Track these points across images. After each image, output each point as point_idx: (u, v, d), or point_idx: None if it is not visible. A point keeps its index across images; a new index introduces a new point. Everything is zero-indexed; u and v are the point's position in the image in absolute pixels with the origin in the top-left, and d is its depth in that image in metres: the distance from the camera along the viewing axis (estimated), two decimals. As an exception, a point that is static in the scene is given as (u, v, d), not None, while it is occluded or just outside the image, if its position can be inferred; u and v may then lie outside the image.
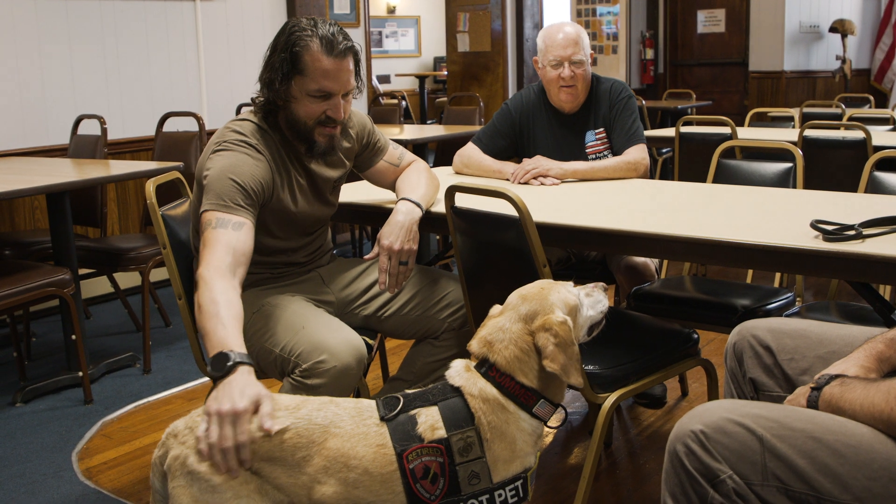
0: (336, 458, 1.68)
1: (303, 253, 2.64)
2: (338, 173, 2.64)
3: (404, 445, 1.69)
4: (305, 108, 2.38)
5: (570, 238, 2.60)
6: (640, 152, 3.27)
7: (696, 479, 1.38)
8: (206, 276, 2.05)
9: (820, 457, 1.35)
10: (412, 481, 1.68)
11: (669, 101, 8.75)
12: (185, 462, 1.68)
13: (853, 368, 1.60)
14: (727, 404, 1.47)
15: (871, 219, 2.24)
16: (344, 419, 1.73)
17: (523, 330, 1.79)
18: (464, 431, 1.70)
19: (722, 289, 3.09)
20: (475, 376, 1.78)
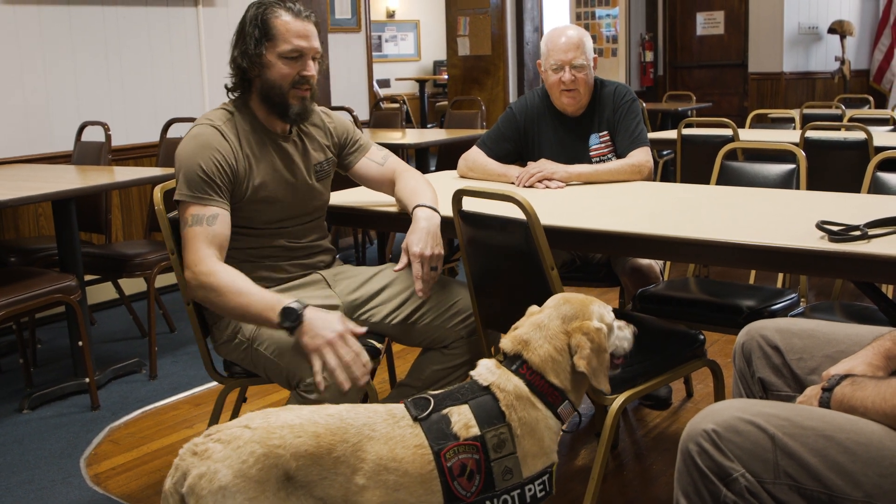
0: (375, 461, 1.68)
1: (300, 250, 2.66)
2: (319, 157, 2.71)
3: (441, 444, 1.71)
4: (279, 70, 2.52)
5: (576, 241, 2.62)
6: (644, 155, 3.28)
7: (708, 477, 1.39)
8: (205, 270, 2.33)
9: (831, 455, 1.36)
10: (450, 479, 1.70)
11: (669, 104, 8.77)
12: (215, 478, 1.61)
13: (861, 366, 1.61)
14: (738, 403, 1.49)
15: (876, 219, 2.25)
16: (377, 421, 1.74)
17: (560, 329, 1.85)
18: (497, 428, 1.74)
19: (726, 290, 3.10)
20: (507, 373, 1.82)
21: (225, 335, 2.56)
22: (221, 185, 2.45)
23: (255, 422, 1.69)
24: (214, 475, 1.61)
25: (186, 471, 1.64)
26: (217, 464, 1.61)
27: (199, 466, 1.62)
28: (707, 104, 9.13)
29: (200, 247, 2.37)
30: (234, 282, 2.33)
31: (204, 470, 1.61)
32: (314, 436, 1.68)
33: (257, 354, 2.43)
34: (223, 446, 1.64)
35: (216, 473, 1.61)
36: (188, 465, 1.64)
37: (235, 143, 2.52)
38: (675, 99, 9.18)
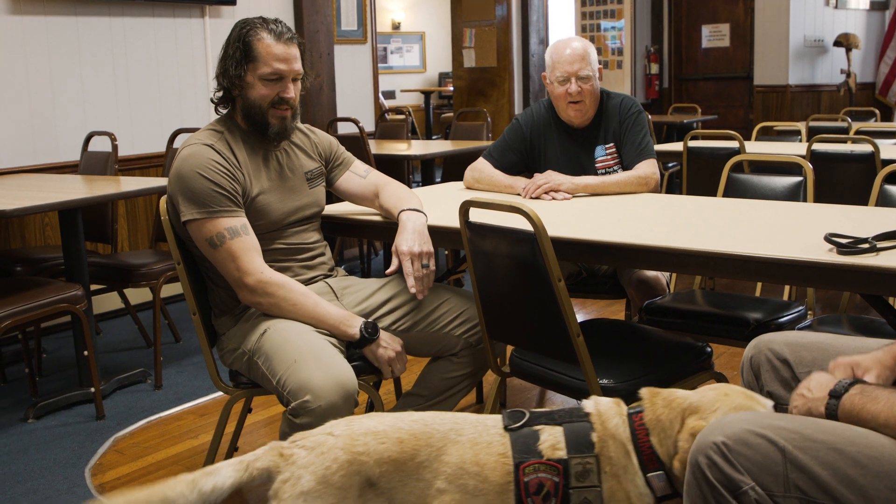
0: (457, 464, 1.69)
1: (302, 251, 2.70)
2: (310, 164, 2.77)
3: (523, 458, 1.69)
4: (259, 91, 2.59)
5: (583, 252, 2.61)
6: (651, 167, 3.28)
7: (718, 490, 1.39)
8: (273, 279, 2.50)
9: (842, 468, 1.36)
10: (524, 495, 1.67)
11: (675, 116, 8.77)
12: (298, 483, 1.64)
13: (869, 361, 1.61)
14: (748, 416, 1.48)
15: (884, 232, 2.25)
16: (465, 427, 1.74)
17: (682, 410, 1.70)
18: (584, 457, 1.68)
19: (733, 302, 3.10)
20: (619, 410, 1.75)
21: (230, 345, 2.59)
22: (236, 196, 2.53)
23: (338, 429, 1.72)
24: (298, 480, 1.64)
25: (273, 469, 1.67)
26: (301, 469, 1.65)
27: (285, 471, 1.66)
28: (712, 117, 9.13)
29: (253, 256, 2.50)
30: (303, 290, 2.55)
31: (288, 475, 1.65)
32: (398, 441, 1.69)
33: (256, 367, 2.46)
34: (307, 452, 1.68)
35: (299, 479, 1.64)
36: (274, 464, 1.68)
37: (231, 157, 2.58)
38: (680, 111, 9.18)
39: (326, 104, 6.38)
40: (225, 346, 2.63)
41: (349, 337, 2.51)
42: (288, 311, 2.52)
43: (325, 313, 2.53)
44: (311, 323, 2.51)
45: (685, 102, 10.22)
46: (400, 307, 2.69)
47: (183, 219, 2.51)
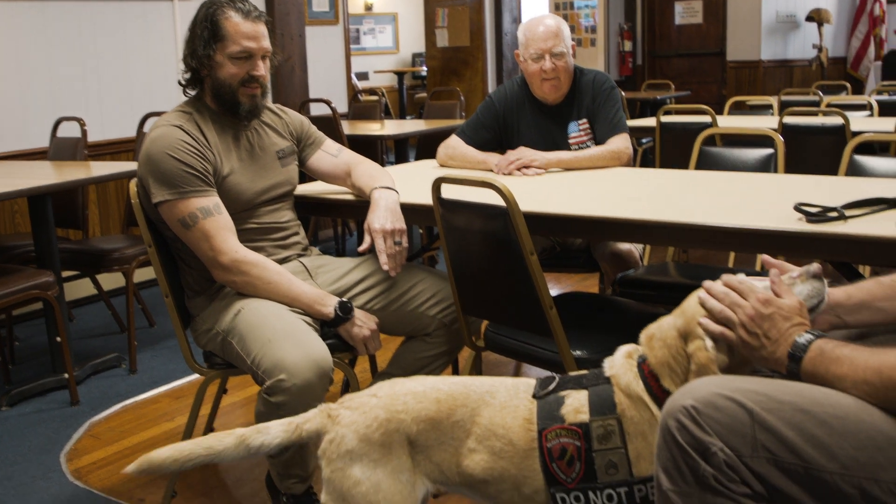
0: (487, 426, 1.71)
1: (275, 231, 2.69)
2: (281, 143, 2.76)
3: (546, 424, 1.70)
4: (228, 70, 2.57)
5: (556, 226, 2.62)
6: (624, 141, 3.29)
7: (687, 452, 1.40)
8: (248, 258, 2.50)
9: (808, 428, 1.37)
10: (548, 460, 1.68)
11: (648, 92, 8.78)
12: (343, 442, 1.70)
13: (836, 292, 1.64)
14: (717, 380, 1.49)
15: (852, 201, 2.27)
16: (499, 390, 1.76)
17: (676, 338, 1.69)
18: (605, 419, 1.67)
19: (705, 273, 3.08)
20: (630, 367, 1.73)
21: (204, 326, 2.58)
22: (206, 176, 2.52)
23: (382, 390, 1.78)
24: (342, 440, 1.71)
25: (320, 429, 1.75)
26: (344, 429, 1.72)
27: (331, 431, 1.73)
28: (686, 93, 9.15)
29: (227, 235, 2.50)
30: (277, 268, 2.55)
31: (333, 435, 1.72)
32: (435, 401, 1.74)
33: (230, 347, 2.46)
34: (351, 412, 1.74)
35: (343, 438, 1.71)
36: (322, 425, 1.75)
37: (200, 137, 2.56)
38: (653, 88, 9.19)
39: (298, 86, 6.34)
40: (199, 327, 2.62)
41: (324, 316, 2.51)
42: (262, 290, 2.51)
43: (299, 292, 2.52)
44: (285, 302, 2.51)
45: (659, 79, 10.23)
46: (374, 286, 2.68)
47: (154, 200, 2.50)
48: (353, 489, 1.70)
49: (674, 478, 1.42)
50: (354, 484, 1.70)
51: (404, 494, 1.71)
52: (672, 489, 1.42)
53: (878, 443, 1.35)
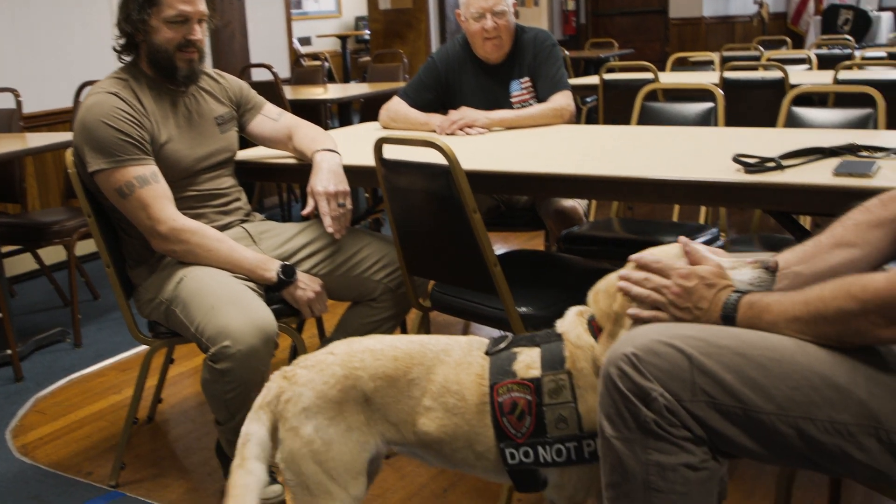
0: (442, 383, 1.72)
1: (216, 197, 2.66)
2: (219, 109, 2.73)
3: (498, 378, 1.70)
4: (164, 35, 2.52)
5: (500, 184, 2.62)
6: (566, 99, 3.29)
7: (629, 398, 1.42)
8: (186, 226, 2.46)
9: (745, 371, 1.40)
10: (499, 414, 1.69)
11: (592, 51, 8.80)
12: (299, 400, 1.70)
13: None
14: (657, 328, 1.51)
15: (789, 151, 2.29)
16: (454, 348, 1.77)
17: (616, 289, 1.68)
18: (556, 374, 1.68)
19: (649, 228, 3.15)
20: (580, 323, 1.74)
21: (147, 296, 2.55)
22: (143, 144, 2.48)
23: (338, 348, 1.78)
24: (299, 398, 1.70)
25: (279, 394, 1.73)
26: (301, 387, 1.71)
27: (287, 391, 1.72)
28: (629, 51, 9.18)
29: (165, 204, 2.46)
30: (218, 235, 2.52)
31: (290, 394, 1.71)
32: (393, 359, 1.74)
33: (174, 316, 2.43)
34: (307, 371, 1.73)
35: (300, 396, 1.70)
36: (279, 389, 1.73)
37: (137, 104, 2.52)
38: (597, 46, 9.21)
39: (239, 51, 6.24)
40: (142, 296, 2.59)
41: (267, 280, 2.49)
42: (203, 257, 2.48)
43: (241, 258, 2.50)
44: (227, 268, 2.48)
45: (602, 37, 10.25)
46: (319, 251, 2.67)
47: (90, 169, 2.45)
48: (304, 447, 1.70)
49: (616, 424, 1.44)
50: (307, 442, 1.70)
51: (353, 454, 1.71)
52: (614, 436, 1.44)
53: (812, 383, 1.38)
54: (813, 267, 1.62)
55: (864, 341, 1.41)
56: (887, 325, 1.35)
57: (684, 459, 1.40)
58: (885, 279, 1.34)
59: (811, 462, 1.44)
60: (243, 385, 2.27)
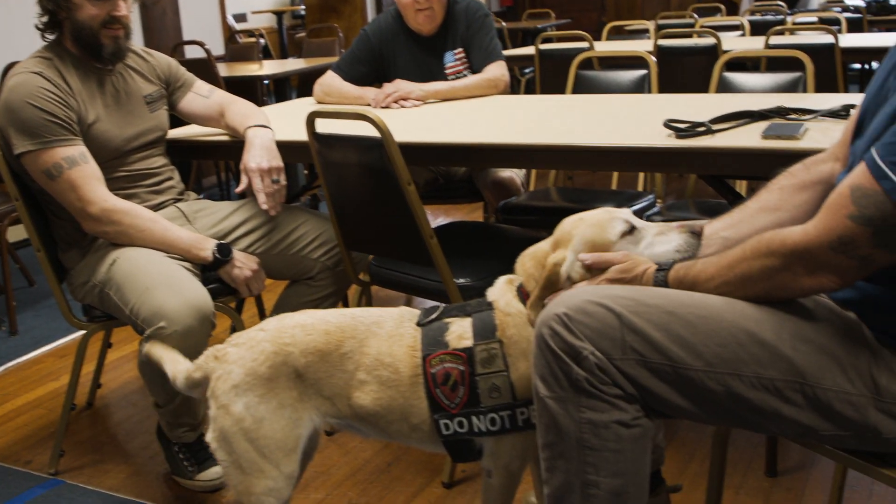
0: (375, 356, 1.71)
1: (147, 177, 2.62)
2: (148, 88, 2.68)
3: (430, 350, 1.70)
4: (88, 11, 2.46)
5: (436, 156, 2.62)
6: (500, 69, 3.29)
7: (560, 357, 1.43)
8: (118, 207, 2.42)
9: (674, 329, 1.42)
10: (432, 386, 1.68)
11: (529, 22, 8.80)
12: (229, 378, 1.69)
13: None
14: (589, 289, 1.52)
15: (719, 115, 2.32)
16: (386, 320, 1.76)
17: (546, 254, 1.70)
18: (488, 343, 1.68)
19: (586, 196, 3.17)
20: (510, 290, 1.74)
21: (80, 279, 2.50)
22: (70, 124, 2.43)
23: (269, 324, 1.77)
24: (229, 375, 1.70)
25: (209, 373, 1.74)
26: (231, 365, 1.71)
27: (217, 369, 1.72)
28: (567, 20, 9.21)
29: (95, 184, 2.41)
30: (151, 215, 2.47)
31: (221, 372, 1.71)
32: (324, 333, 1.72)
33: (108, 298, 2.40)
34: (238, 349, 1.73)
35: (230, 374, 1.70)
36: (210, 368, 1.74)
37: (62, 84, 2.46)
38: (534, 17, 9.21)
39: (171, 28, 6.12)
40: (75, 280, 2.54)
41: (202, 260, 2.46)
42: (136, 237, 2.44)
43: (175, 238, 2.46)
44: (161, 248, 2.45)
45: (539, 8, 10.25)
46: (255, 229, 2.64)
47: (16, 151, 2.39)
48: (235, 426, 1.69)
49: (549, 384, 1.45)
50: (238, 420, 1.69)
51: (286, 431, 1.70)
52: (548, 395, 1.45)
53: (739, 339, 1.41)
54: (740, 231, 1.65)
55: (791, 294, 1.44)
56: (810, 275, 1.38)
57: (616, 417, 1.42)
58: (801, 231, 1.37)
59: (741, 419, 1.47)
60: (180, 366, 2.24)
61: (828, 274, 1.36)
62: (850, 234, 1.32)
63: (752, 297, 1.45)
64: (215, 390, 1.72)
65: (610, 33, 6.53)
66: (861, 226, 1.31)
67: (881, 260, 1.33)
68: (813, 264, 1.37)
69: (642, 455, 1.46)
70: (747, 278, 1.44)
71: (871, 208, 1.30)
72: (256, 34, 7.74)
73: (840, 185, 1.36)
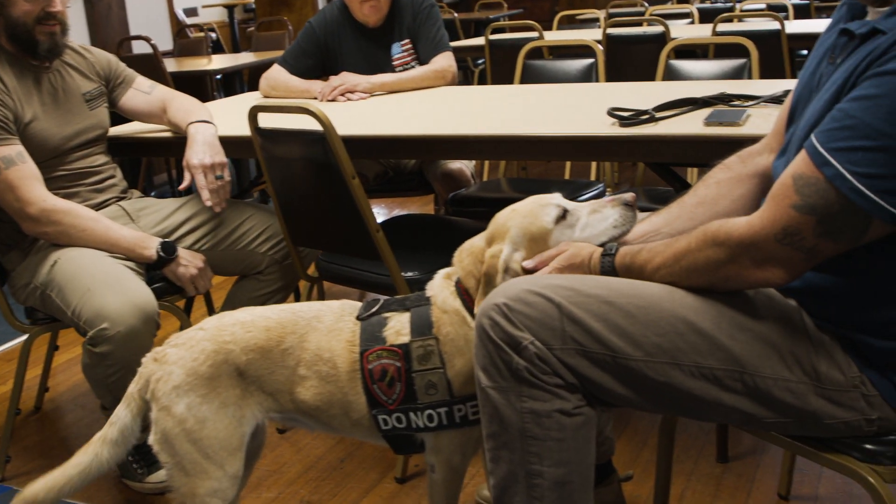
0: (314, 350, 1.69)
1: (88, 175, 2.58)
2: (87, 85, 2.63)
3: (368, 345, 1.67)
4: (21, 7, 2.42)
5: (382, 149, 2.60)
6: (447, 60, 3.27)
7: (501, 347, 1.43)
8: (58, 207, 2.37)
9: (613, 319, 1.41)
10: (370, 381, 1.66)
11: (482, 12, 8.80)
12: (169, 379, 1.66)
13: None
14: (528, 278, 1.52)
15: (663, 103, 2.33)
16: (326, 314, 1.73)
17: (482, 250, 1.68)
18: (425, 339, 1.66)
19: (536, 186, 3.17)
20: (447, 286, 1.71)
21: (21, 281, 2.46)
22: (6, 123, 2.38)
23: (209, 323, 1.74)
24: (169, 377, 1.67)
25: (148, 377, 1.70)
26: (171, 366, 1.68)
27: (157, 371, 1.68)
28: (519, 10, 9.21)
29: (34, 184, 2.36)
30: (92, 215, 2.43)
31: (161, 374, 1.68)
32: (265, 329, 1.70)
33: (50, 300, 2.35)
34: (177, 349, 1.69)
35: (170, 375, 1.67)
36: (150, 371, 1.70)
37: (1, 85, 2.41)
38: (487, 7, 9.21)
39: (117, 23, 6.03)
40: (16, 282, 2.49)
41: (146, 259, 2.42)
42: (77, 238, 2.39)
43: (118, 237, 2.42)
44: (104, 248, 2.41)
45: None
46: (201, 226, 2.61)
47: None
48: (177, 427, 1.67)
49: (491, 374, 1.44)
50: (180, 421, 1.66)
51: (230, 430, 1.68)
52: (490, 385, 1.45)
53: (677, 329, 1.41)
54: (680, 227, 1.66)
55: (738, 286, 1.43)
56: (757, 268, 1.37)
57: (558, 406, 1.42)
58: (745, 223, 1.37)
59: (683, 408, 1.47)
60: (125, 367, 2.20)
61: (774, 267, 1.36)
62: (795, 225, 1.31)
63: (698, 287, 1.45)
64: (156, 392, 1.68)
65: (561, 22, 6.54)
66: (805, 215, 1.30)
67: (827, 250, 1.32)
68: (759, 257, 1.36)
69: (586, 444, 1.46)
70: (693, 270, 1.43)
71: (815, 197, 1.29)
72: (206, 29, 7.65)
73: (782, 175, 1.35)
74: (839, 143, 1.27)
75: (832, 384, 1.42)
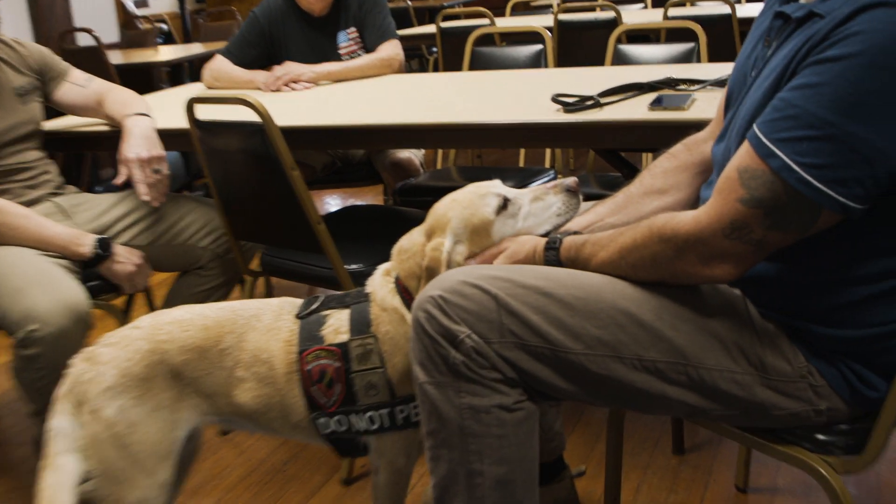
0: (252, 351, 1.61)
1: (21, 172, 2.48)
2: (19, 80, 2.54)
3: (306, 345, 1.60)
4: None
5: (328, 139, 2.54)
6: (394, 48, 3.23)
7: (437, 341, 1.37)
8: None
9: (551, 311, 1.37)
10: (308, 383, 1.60)
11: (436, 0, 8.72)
12: (101, 380, 1.57)
13: None
14: (465, 269, 1.47)
15: (609, 88, 2.29)
16: (265, 312, 1.66)
17: (422, 245, 1.62)
18: (364, 338, 1.59)
19: (486, 174, 3.10)
20: (387, 283, 1.65)
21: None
22: None
23: (144, 321, 1.66)
24: (101, 377, 1.58)
25: (78, 377, 1.60)
26: (104, 366, 1.59)
27: (88, 372, 1.60)
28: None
29: None
30: (23, 211, 2.34)
31: (92, 374, 1.59)
32: (203, 328, 1.62)
33: None
34: (111, 348, 1.61)
35: (102, 375, 1.58)
36: (79, 372, 1.61)
37: None
38: (441, -5, 9.13)
39: (60, 15, 5.90)
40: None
41: (80, 256, 2.34)
42: (7, 236, 2.31)
43: (51, 234, 2.34)
44: (36, 246, 2.32)
45: (446, -14, 10.17)
46: (139, 221, 2.54)
47: None
48: (106, 431, 1.58)
49: (428, 369, 1.39)
50: (109, 425, 1.58)
51: (161, 435, 1.61)
52: (427, 381, 1.39)
53: (618, 320, 1.36)
54: (626, 217, 1.62)
55: (686, 282, 1.39)
56: (705, 264, 1.33)
57: (497, 401, 1.37)
58: (692, 219, 1.32)
59: (628, 401, 1.43)
60: (56, 370, 2.11)
61: (723, 262, 1.31)
62: (743, 218, 1.27)
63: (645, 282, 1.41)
64: (87, 394, 1.59)
65: (516, 9, 6.49)
66: (752, 208, 1.26)
67: (775, 241, 1.29)
68: (707, 253, 1.32)
69: (528, 440, 1.41)
70: (639, 267, 1.39)
71: (761, 189, 1.25)
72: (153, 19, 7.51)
73: (727, 168, 1.31)
74: (783, 134, 1.23)
75: (778, 374, 1.39)
